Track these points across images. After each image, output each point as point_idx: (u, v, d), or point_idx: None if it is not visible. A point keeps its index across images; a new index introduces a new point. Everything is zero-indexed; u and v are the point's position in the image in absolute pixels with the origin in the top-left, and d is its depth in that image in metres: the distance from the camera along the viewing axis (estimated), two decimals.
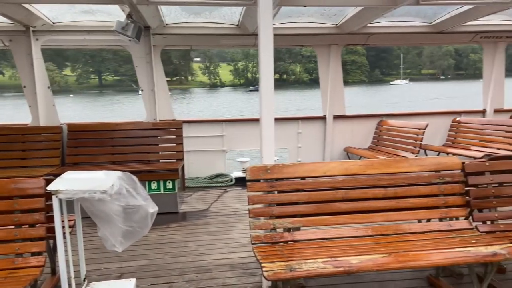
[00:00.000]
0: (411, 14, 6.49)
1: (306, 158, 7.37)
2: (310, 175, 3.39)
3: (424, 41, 7.36)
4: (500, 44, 7.33)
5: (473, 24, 6.70)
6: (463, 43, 7.37)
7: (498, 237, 3.17)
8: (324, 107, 7.46)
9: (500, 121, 7.02)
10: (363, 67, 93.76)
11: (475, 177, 3.46)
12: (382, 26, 6.64)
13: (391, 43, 7.50)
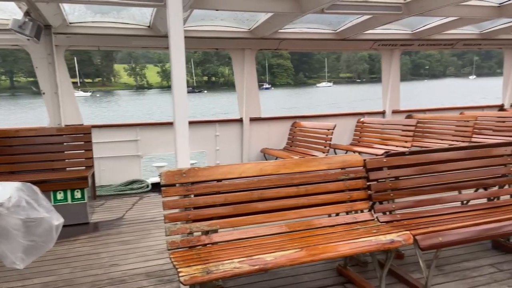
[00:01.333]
0: (318, 22, 6.92)
1: (225, 161, 7.43)
2: (226, 177, 3.43)
3: (330, 48, 7.87)
4: (395, 52, 8.13)
5: (372, 32, 7.34)
6: (364, 50, 8.04)
7: (395, 226, 3.51)
8: (240, 110, 7.59)
9: (397, 121, 7.78)
10: (289, 70, 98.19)
11: (375, 173, 3.79)
12: (293, 32, 6.97)
13: (301, 48, 7.90)
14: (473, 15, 6.03)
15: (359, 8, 5.36)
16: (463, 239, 3.29)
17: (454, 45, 8.22)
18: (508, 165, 4.18)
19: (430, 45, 8.16)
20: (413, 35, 7.66)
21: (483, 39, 8.16)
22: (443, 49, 8.48)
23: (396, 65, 8.27)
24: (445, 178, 4.05)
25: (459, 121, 7.64)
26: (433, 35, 7.61)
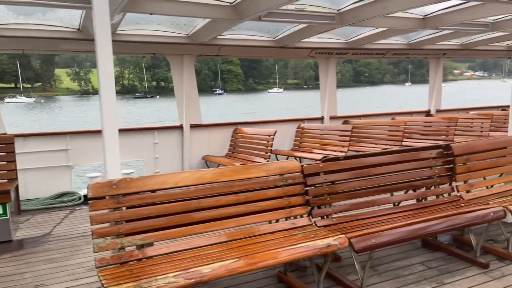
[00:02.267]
0: (257, 29, 6.98)
1: (165, 169, 7.20)
2: (161, 187, 3.29)
3: (269, 55, 7.97)
4: (331, 60, 8.42)
5: (309, 41, 7.54)
6: (302, 57, 8.24)
7: (332, 230, 3.58)
8: (180, 117, 7.42)
9: (335, 127, 8.04)
10: (239, 76, 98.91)
11: (312, 178, 3.85)
12: (232, 38, 6.96)
13: (240, 55, 7.92)
14: (400, 26, 6.41)
15: (295, 17, 5.47)
16: (394, 239, 3.43)
17: (385, 54, 8.69)
18: (433, 167, 4.45)
19: (363, 54, 8.55)
20: (347, 44, 7.99)
21: (410, 49, 8.72)
22: (375, 58, 8.94)
23: (332, 72, 8.56)
24: (378, 181, 4.22)
25: (391, 126, 8.07)
26: (366, 45, 7.99)
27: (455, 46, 9.16)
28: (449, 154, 4.51)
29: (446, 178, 4.51)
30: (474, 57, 11.07)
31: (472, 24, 6.78)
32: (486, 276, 3.66)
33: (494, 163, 4.70)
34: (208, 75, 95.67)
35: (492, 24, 6.97)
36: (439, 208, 4.18)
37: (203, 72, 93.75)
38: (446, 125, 8.15)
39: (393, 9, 5.16)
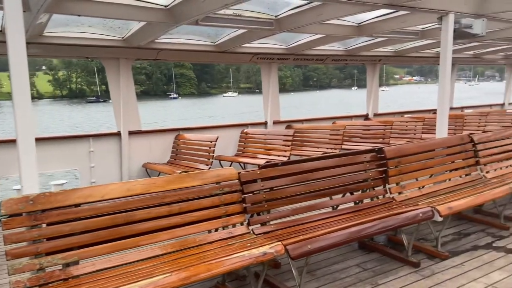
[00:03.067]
0: (196, 33, 6.85)
1: (102, 179, 6.83)
2: (86, 201, 3.07)
3: (210, 59, 7.87)
4: (273, 65, 8.49)
5: (250, 46, 7.54)
6: (244, 62, 8.23)
7: (270, 237, 3.54)
8: (118, 123, 7.09)
9: (277, 131, 8.10)
10: (192, 80, 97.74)
11: (249, 185, 3.80)
12: (171, 42, 6.77)
13: (180, 59, 7.75)
14: (337, 33, 6.60)
15: (233, 22, 5.43)
16: (330, 244, 3.45)
17: (325, 60, 8.92)
18: (368, 170, 4.58)
19: (304, 60, 8.72)
20: (288, 50, 8.09)
21: (348, 55, 9.02)
22: (315, 63, 9.14)
23: (274, 77, 8.62)
24: (317, 185, 4.26)
25: (332, 130, 8.28)
26: (306, 51, 8.14)
27: (390, 53, 9.62)
28: (382, 157, 4.67)
29: (380, 180, 4.66)
30: (407, 63, 11.71)
31: (403, 32, 7.14)
32: (417, 275, 3.81)
33: (423, 165, 4.93)
34: (161, 79, 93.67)
35: (421, 32, 7.39)
36: (374, 210, 4.30)
37: (155, 76, 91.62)
38: (382, 128, 8.51)
39: (328, 17, 5.28)
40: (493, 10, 5.34)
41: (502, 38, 8.31)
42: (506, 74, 13.45)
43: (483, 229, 4.93)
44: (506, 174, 5.42)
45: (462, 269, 3.89)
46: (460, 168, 5.26)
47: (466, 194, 4.52)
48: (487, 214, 5.34)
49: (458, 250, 4.34)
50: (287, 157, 7.28)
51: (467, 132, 7.55)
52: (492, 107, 13.03)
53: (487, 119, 10.03)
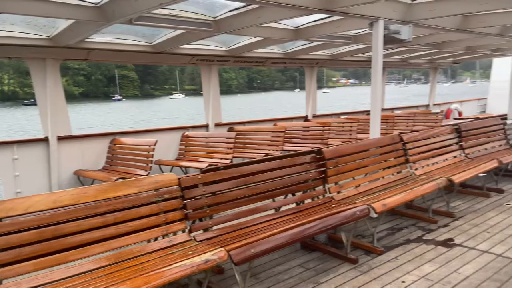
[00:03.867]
0: (131, 33, 6.57)
1: (28, 189, 6.29)
2: (8, 215, 2.79)
3: (147, 60, 7.58)
4: (213, 67, 8.40)
5: (189, 47, 7.39)
6: (183, 64, 8.05)
7: (212, 243, 3.46)
8: (45, 128, 6.58)
9: (219, 134, 8.02)
10: (135, 82, 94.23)
11: (190, 191, 3.69)
12: (103, 42, 6.43)
13: (114, 60, 7.39)
14: (275, 36, 6.68)
15: (170, 22, 5.27)
16: (273, 246, 3.45)
17: (264, 62, 9.00)
18: (308, 171, 4.67)
19: (244, 62, 8.73)
20: (228, 52, 8.05)
21: (287, 58, 9.18)
22: (255, 65, 9.20)
23: (215, 79, 8.54)
24: (260, 188, 4.25)
25: (274, 132, 8.36)
26: (245, 53, 8.15)
27: (326, 56, 9.95)
28: (321, 158, 4.78)
29: (320, 180, 4.77)
30: (342, 66, 12.19)
31: (338, 37, 7.41)
32: (355, 271, 3.93)
33: (359, 164, 5.13)
34: (101, 80, 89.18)
35: (354, 37, 7.72)
36: (315, 210, 4.38)
37: (94, 77, 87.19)
38: (321, 130, 8.75)
39: (266, 20, 5.31)
40: (418, 17, 5.71)
41: (427, 43, 8.94)
42: (431, 77, 14.52)
43: (414, 223, 5.24)
44: (432, 170, 5.81)
45: (396, 263, 4.08)
46: (392, 166, 5.55)
47: (398, 191, 4.76)
48: (417, 209, 5.68)
49: (392, 244, 4.56)
50: (229, 159, 7.22)
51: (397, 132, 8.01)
52: (418, 108, 13.98)
53: (415, 119, 10.73)
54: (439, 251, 4.34)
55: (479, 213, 5.51)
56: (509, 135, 7.74)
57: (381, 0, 4.80)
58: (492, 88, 15.44)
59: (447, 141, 6.51)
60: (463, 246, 4.44)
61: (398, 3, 5.54)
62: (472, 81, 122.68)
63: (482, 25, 6.68)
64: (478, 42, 9.47)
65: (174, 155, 8.08)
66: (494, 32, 7.67)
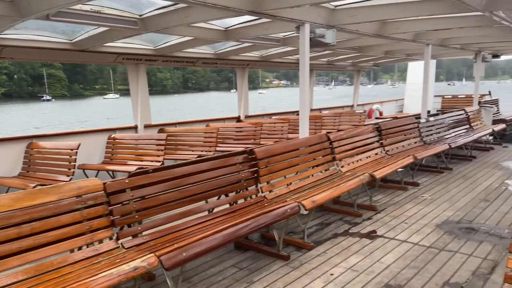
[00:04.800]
0: (48, 30, 6.10)
1: None
2: None
3: (67, 58, 7.10)
4: (141, 66, 8.10)
5: (115, 45, 7.05)
6: (107, 63, 7.67)
7: (141, 250, 3.34)
8: None
9: (149, 136, 7.77)
10: (62, 81, 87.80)
11: (117, 196, 3.52)
12: (18, 38, 5.90)
13: (30, 57, 6.82)
14: (205, 36, 6.62)
15: (92, 19, 4.98)
16: (206, 248, 3.42)
17: (195, 62, 8.89)
18: (240, 172, 4.69)
19: (173, 62, 8.54)
20: (156, 51, 7.82)
21: (218, 59, 9.15)
22: (185, 65, 9.05)
23: (143, 79, 8.25)
24: (192, 190, 4.19)
25: (206, 133, 8.30)
26: (175, 53, 7.98)
27: (256, 58, 10.09)
28: (253, 158, 4.84)
29: (252, 180, 4.83)
30: (273, 68, 12.47)
31: (267, 39, 7.55)
32: (287, 267, 4.04)
33: (289, 163, 5.28)
34: (25, 79, 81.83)
35: (283, 39, 7.92)
36: (247, 210, 4.42)
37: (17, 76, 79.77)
38: (253, 130, 8.87)
39: (194, 20, 5.25)
40: (341, 22, 6.02)
41: (349, 47, 9.45)
42: (354, 79, 15.40)
43: (341, 217, 5.51)
44: (356, 167, 6.16)
45: (325, 256, 4.26)
46: (320, 164, 5.79)
47: (326, 188, 4.98)
48: (343, 204, 5.99)
49: (321, 239, 4.75)
50: (160, 162, 7.03)
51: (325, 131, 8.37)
52: (344, 108, 14.75)
53: (341, 119, 11.30)
54: (363, 243, 4.61)
55: (398, 205, 5.95)
56: (422, 133, 8.47)
57: (306, 5, 4.97)
58: (408, 90, 16.76)
59: (369, 139, 6.95)
60: (385, 237, 4.76)
61: (322, 8, 5.78)
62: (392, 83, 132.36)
63: (397, 31, 7.22)
64: (395, 47, 10.22)
65: (100, 158, 7.68)
66: (408, 38, 8.33)
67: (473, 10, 5.18)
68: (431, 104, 14.52)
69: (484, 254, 4.23)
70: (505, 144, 11.25)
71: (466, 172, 7.93)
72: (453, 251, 4.33)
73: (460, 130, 9.81)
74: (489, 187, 6.84)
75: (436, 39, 9.04)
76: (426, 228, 5.01)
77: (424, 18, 6.69)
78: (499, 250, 4.32)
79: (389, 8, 5.74)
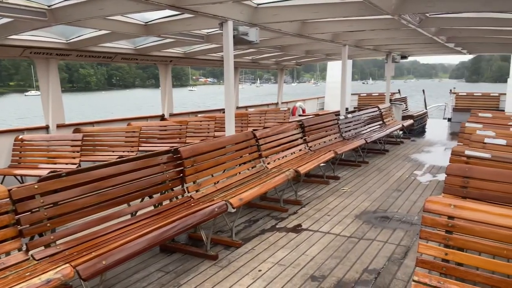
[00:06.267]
0: None
1: None
2: None
3: None
4: (52, 61, 7.45)
5: (20, 38, 6.41)
6: (13, 57, 6.93)
7: (55, 260, 3.06)
8: None
9: (62, 136, 7.19)
10: None
11: (24, 203, 3.19)
12: None
13: None
14: (123, 30, 6.28)
15: None
16: (129, 254, 3.23)
17: (113, 58, 8.41)
18: (165, 172, 4.53)
19: (89, 57, 7.99)
20: (69, 45, 7.24)
21: (139, 54, 8.76)
22: (103, 61, 8.53)
23: (54, 75, 7.60)
24: (112, 193, 3.95)
25: (128, 132, 7.91)
26: (90, 47, 7.47)
27: (180, 54, 9.85)
28: (178, 157, 4.70)
29: (178, 180, 4.69)
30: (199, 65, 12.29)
31: (190, 35, 7.39)
32: (216, 267, 3.98)
33: (216, 162, 5.22)
34: None
35: (206, 36, 7.83)
36: (173, 211, 4.28)
37: None
38: (179, 128, 8.66)
39: (110, 12, 4.94)
40: (264, 21, 6.10)
41: (273, 46, 9.65)
42: (278, 77, 15.78)
43: (269, 213, 5.60)
44: (282, 164, 6.30)
45: (253, 253, 4.29)
46: (247, 162, 5.82)
47: (253, 185, 5.01)
48: (270, 200, 6.09)
49: (249, 236, 4.78)
50: (76, 164, 6.54)
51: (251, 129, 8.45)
52: (269, 106, 15.05)
53: (266, 116, 11.51)
54: (290, 237, 4.73)
55: (321, 199, 6.21)
56: (341, 129, 8.94)
57: (229, 1, 4.94)
58: (328, 88, 17.62)
59: (293, 136, 7.15)
60: (309, 230, 4.93)
61: (245, 6, 5.80)
62: (316, 81, 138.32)
63: (316, 31, 7.52)
64: (315, 46, 10.66)
65: (7, 162, 6.94)
66: (327, 39, 8.73)
67: (383, 13, 5.56)
68: (349, 101, 15.42)
69: (398, 240, 4.58)
70: (413, 138, 12.35)
71: (381, 165, 8.54)
72: (371, 239, 4.62)
73: (375, 126, 10.54)
74: (400, 178, 7.44)
75: (352, 40, 9.60)
76: (346, 219, 5.29)
77: (341, 20, 7.05)
78: (410, 236, 4.70)
79: (307, 8, 5.94)
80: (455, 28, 7.84)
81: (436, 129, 14.59)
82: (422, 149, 10.50)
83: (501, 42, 9.76)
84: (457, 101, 15.74)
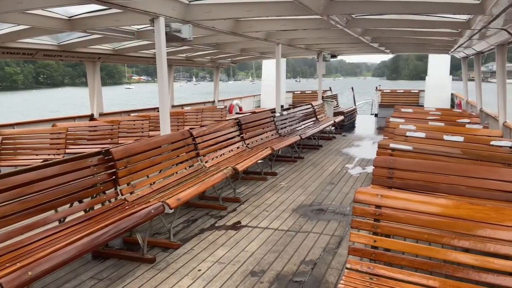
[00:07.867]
0: None
1: None
2: None
3: None
4: None
5: None
6: None
7: None
8: None
9: None
10: None
11: None
12: None
13: None
14: (44, 25, 5.83)
15: None
16: (58, 263, 3.03)
17: (34, 55, 7.80)
18: (96, 175, 4.30)
19: (7, 54, 7.33)
20: None
21: (63, 51, 8.20)
22: (22, 58, 7.89)
23: None
24: (36, 199, 3.67)
25: (53, 134, 7.44)
26: (7, 43, 6.86)
27: (109, 51, 9.40)
28: (110, 159, 4.49)
29: (111, 183, 4.49)
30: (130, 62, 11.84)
31: (119, 31, 7.08)
32: (153, 270, 3.87)
33: (152, 162, 5.06)
34: None
35: (137, 32, 7.55)
36: (106, 215, 4.08)
37: None
38: (110, 128, 8.29)
39: (29, 6, 4.57)
40: (196, 18, 6.02)
41: (207, 43, 9.57)
42: (214, 75, 15.70)
43: (207, 212, 5.56)
44: (220, 162, 6.29)
45: (192, 253, 4.23)
46: (185, 161, 5.72)
47: (191, 184, 4.95)
48: (209, 199, 6.05)
49: (188, 236, 4.71)
50: None
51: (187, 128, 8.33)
52: (205, 104, 14.93)
53: (203, 114, 11.41)
54: (229, 234, 4.74)
55: (260, 195, 6.29)
56: (277, 126, 9.14)
57: None
58: (263, 86, 17.89)
59: (231, 134, 7.16)
60: (248, 226, 4.98)
61: (177, 2, 5.68)
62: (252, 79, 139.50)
63: (250, 30, 7.59)
64: (250, 45, 10.76)
65: None
66: (261, 37, 8.85)
67: (313, 13, 5.75)
68: (284, 99, 15.80)
69: (332, 231, 4.79)
70: (344, 133, 12.98)
71: (315, 160, 8.87)
72: (307, 231, 4.78)
73: (309, 122, 10.91)
74: (333, 171, 7.78)
75: (285, 39, 9.83)
76: (284, 213, 5.42)
77: (274, 19, 7.18)
78: (343, 226, 4.94)
79: (240, 7, 5.97)
80: (379, 29, 8.35)
81: (364, 124, 15.47)
82: (352, 143, 11.08)
83: (417, 42, 10.59)
84: (382, 97, 16.83)
